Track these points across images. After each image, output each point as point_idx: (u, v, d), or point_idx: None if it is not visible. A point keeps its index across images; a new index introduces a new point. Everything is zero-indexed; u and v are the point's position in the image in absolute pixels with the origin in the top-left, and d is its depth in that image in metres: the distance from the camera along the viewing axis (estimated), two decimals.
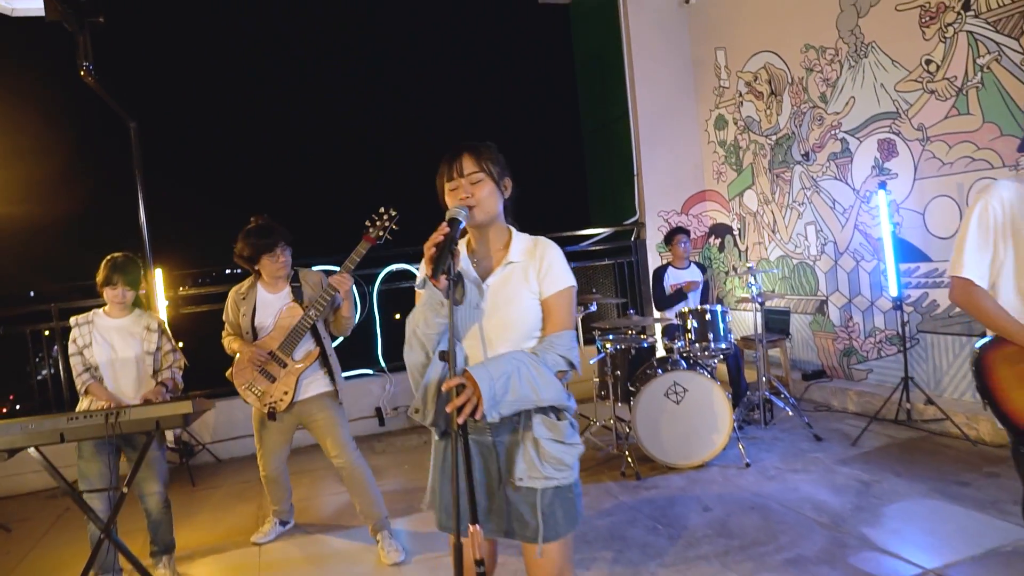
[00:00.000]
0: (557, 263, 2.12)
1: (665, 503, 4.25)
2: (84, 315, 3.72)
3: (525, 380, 1.96)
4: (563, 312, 2.11)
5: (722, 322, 5.03)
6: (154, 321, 3.78)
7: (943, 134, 5.06)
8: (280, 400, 3.84)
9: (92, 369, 3.63)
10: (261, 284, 3.95)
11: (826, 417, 5.69)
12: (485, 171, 2.09)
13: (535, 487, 2.04)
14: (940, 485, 4.11)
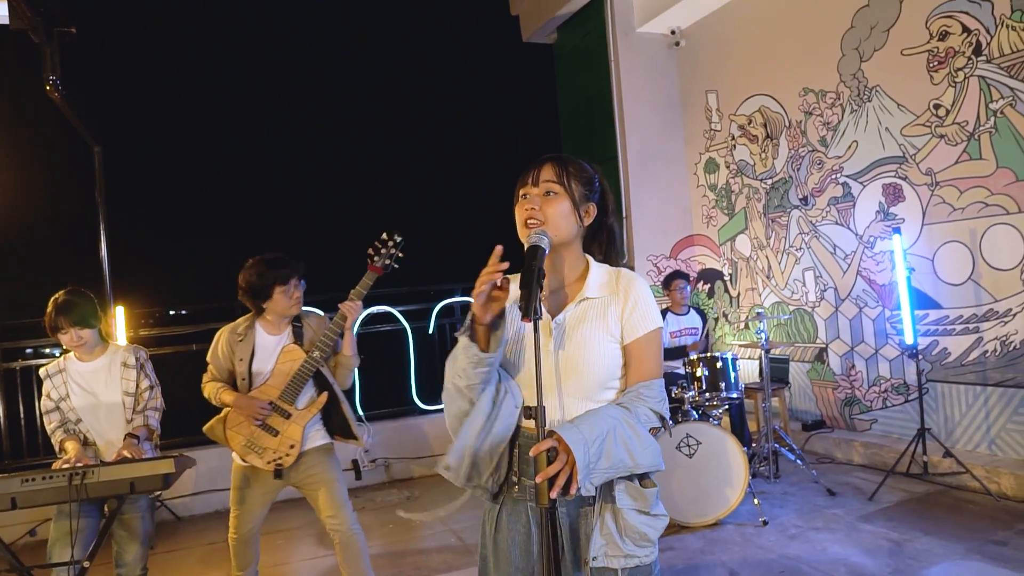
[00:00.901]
0: (644, 299, 1.80)
1: (685, 567, 3.92)
2: (55, 363, 3.25)
3: (621, 443, 1.62)
4: (652, 357, 1.78)
5: (733, 370, 4.79)
6: (132, 355, 3.29)
7: (953, 179, 4.96)
8: (287, 455, 3.38)
9: (70, 423, 3.17)
10: (261, 324, 3.49)
11: (832, 470, 5.45)
12: (564, 185, 1.78)
13: (614, 567, 1.69)
14: (976, 544, 3.87)
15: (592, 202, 1.84)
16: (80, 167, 5.43)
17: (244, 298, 3.44)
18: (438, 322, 6.69)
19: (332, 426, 3.52)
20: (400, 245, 3.46)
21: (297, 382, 3.33)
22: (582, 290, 1.81)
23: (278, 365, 3.38)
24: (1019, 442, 4.69)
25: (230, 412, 3.42)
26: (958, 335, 5.00)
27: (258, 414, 3.30)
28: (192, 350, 5.89)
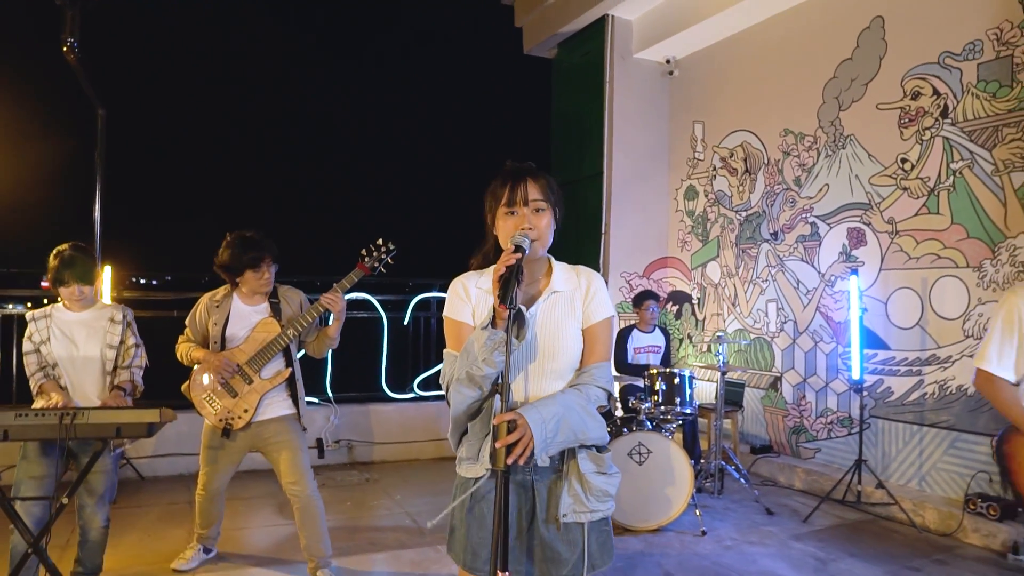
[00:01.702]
0: (601, 291, 2.08)
1: (626, 565, 4.17)
2: (41, 309, 3.42)
3: (575, 421, 1.89)
4: (605, 342, 2.06)
5: (689, 387, 5.05)
6: (119, 312, 3.47)
7: (912, 229, 5.29)
8: (239, 418, 3.62)
9: (48, 367, 3.34)
10: (238, 295, 3.74)
11: (774, 492, 5.74)
12: (549, 202, 2.03)
13: (581, 521, 1.95)
14: (893, 568, 4.16)
15: (560, 208, 2.09)
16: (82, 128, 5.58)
17: (219, 272, 3.70)
18: (414, 314, 6.91)
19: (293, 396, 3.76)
20: (392, 253, 3.72)
21: (267, 353, 3.58)
22: (550, 284, 2.05)
23: (253, 333, 3.62)
24: (946, 480, 5.01)
25: (196, 368, 3.65)
26: (902, 376, 5.32)
27: (224, 371, 3.54)
28: (173, 316, 6.04)
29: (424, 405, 6.84)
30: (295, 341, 3.72)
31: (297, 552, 4.17)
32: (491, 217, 2.07)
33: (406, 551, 4.33)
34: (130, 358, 3.48)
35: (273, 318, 3.69)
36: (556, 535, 1.96)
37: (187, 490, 5.51)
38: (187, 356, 3.75)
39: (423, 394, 6.90)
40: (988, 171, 4.81)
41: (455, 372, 1.94)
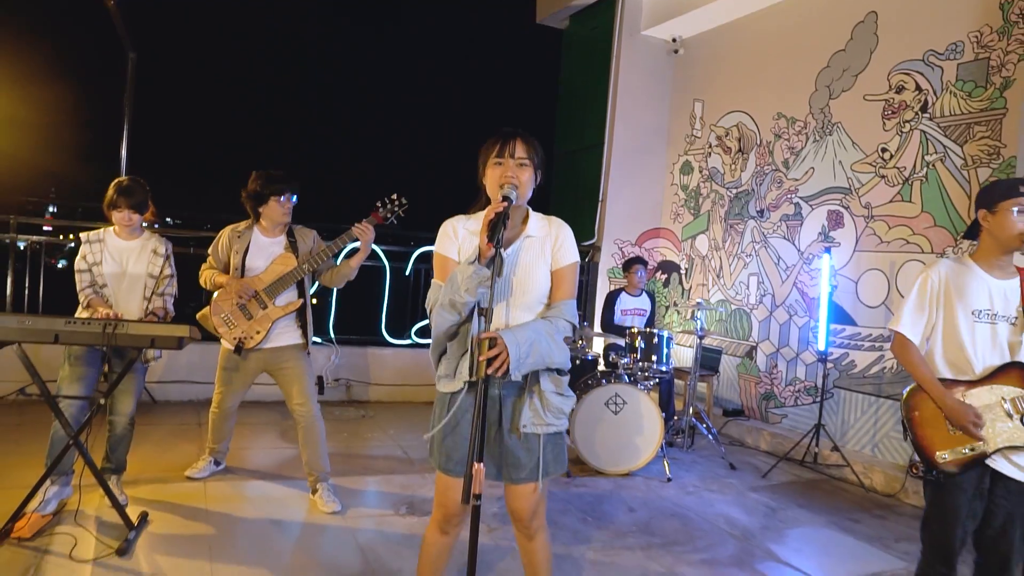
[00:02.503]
0: (569, 239, 2.47)
1: (594, 500, 4.61)
2: (95, 232, 3.81)
3: (544, 347, 2.28)
4: (570, 283, 2.45)
5: (666, 347, 5.45)
6: (162, 245, 3.87)
7: (885, 215, 5.65)
8: (251, 338, 4.02)
9: (97, 286, 3.73)
10: (258, 228, 4.12)
11: (740, 451, 6.18)
12: (532, 157, 2.40)
13: (538, 432, 2.36)
14: (836, 519, 4.60)
15: (541, 170, 2.46)
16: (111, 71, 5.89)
17: (245, 202, 4.10)
18: (415, 266, 7.28)
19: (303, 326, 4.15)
20: (404, 207, 4.10)
21: (282, 283, 3.99)
22: (525, 231, 2.44)
23: (272, 265, 4.03)
24: (895, 447, 5.44)
25: (218, 292, 4.07)
26: (865, 350, 5.73)
27: (244, 294, 3.94)
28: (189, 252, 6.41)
29: (420, 352, 7.25)
30: (309, 276, 4.11)
31: (296, 471, 4.62)
32: (482, 168, 2.44)
33: (396, 476, 4.78)
34: (164, 286, 3.88)
35: (290, 253, 4.07)
36: (517, 443, 2.37)
37: (196, 413, 5.95)
38: (210, 281, 4.14)
39: (420, 341, 7.31)
40: (958, 165, 5.16)
41: (439, 299, 2.31)
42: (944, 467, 2.65)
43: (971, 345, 2.68)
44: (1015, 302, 2.68)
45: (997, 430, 2.62)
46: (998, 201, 2.66)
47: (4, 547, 3.23)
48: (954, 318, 2.71)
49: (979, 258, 2.77)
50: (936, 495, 2.72)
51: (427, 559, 2.54)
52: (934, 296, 2.74)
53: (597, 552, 3.75)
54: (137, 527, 3.49)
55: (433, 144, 13.67)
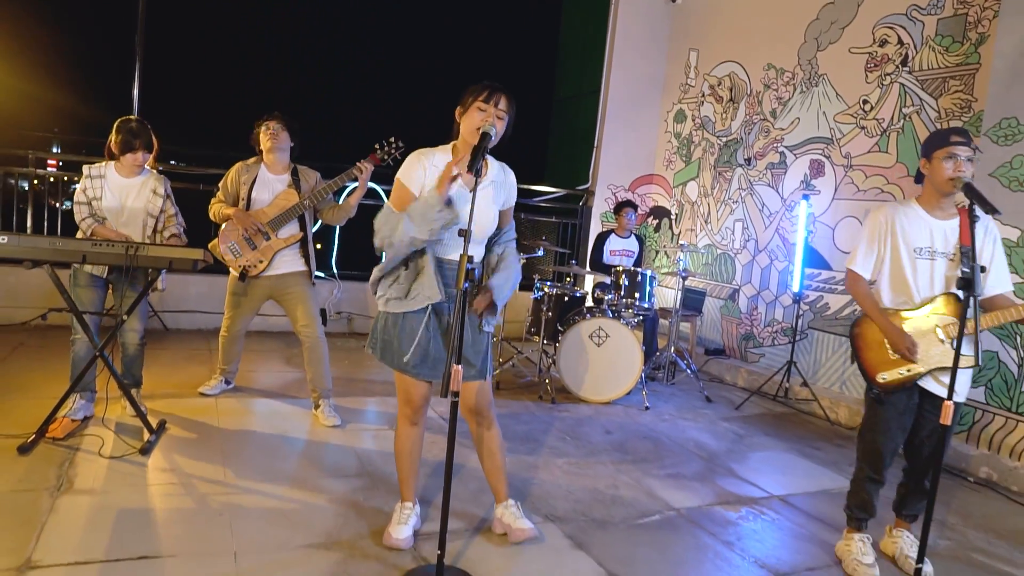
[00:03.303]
0: (513, 186, 2.98)
1: (574, 423, 4.99)
2: (96, 167, 3.98)
3: (515, 280, 2.87)
4: (511, 215, 3.02)
5: (649, 285, 5.78)
6: (161, 185, 4.08)
7: (863, 165, 5.91)
8: (254, 266, 4.37)
9: (96, 217, 3.93)
10: (264, 164, 4.42)
11: (719, 387, 6.56)
12: (508, 114, 2.76)
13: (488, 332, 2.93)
14: (798, 446, 4.99)
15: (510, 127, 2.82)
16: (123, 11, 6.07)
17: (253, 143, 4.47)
18: None
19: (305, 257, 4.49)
20: (400, 150, 4.38)
21: (285, 217, 4.31)
22: (488, 175, 2.85)
23: (276, 200, 4.35)
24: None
25: (225, 224, 4.40)
26: (839, 293, 6.05)
27: (249, 227, 4.27)
28: (199, 189, 6.70)
29: None
30: (310, 211, 4.42)
31: (299, 391, 5.01)
32: (462, 110, 2.77)
33: (391, 398, 5.15)
34: (172, 225, 4.14)
35: (293, 190, 4.38)
36: (469, 348, 2.85)
37: (205, 340, 6.33)
38: (219, 214, 4.45)
39: None
40: (932, 118, 5.40)
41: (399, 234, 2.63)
42: (884, 386, 3.01)
43: (912, 279, 3.02)
44: (954, 240, 2.99)
45: (931, 353, 2.96)
46: (933, 151, 2.96)
47: (41, 444, 3.61)
48: (898, 255, 3.04)
49: (922, 201, 3.08)
50: (873, 409, 3.09)
51: (404, 450, 3.00)
52: (882, 236, 3.06)
53: (572, 465, 4.14)
54: (157, 432, 3.88)
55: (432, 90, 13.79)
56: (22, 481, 3.21)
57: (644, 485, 3.95)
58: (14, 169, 6.30)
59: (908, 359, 2.99)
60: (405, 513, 3.01)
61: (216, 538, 2.87)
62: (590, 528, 3.32)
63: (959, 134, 2.94)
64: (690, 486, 4.02)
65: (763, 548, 3.31)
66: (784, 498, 3.97)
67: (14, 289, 6.16)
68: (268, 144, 4.37)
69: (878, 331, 3.07)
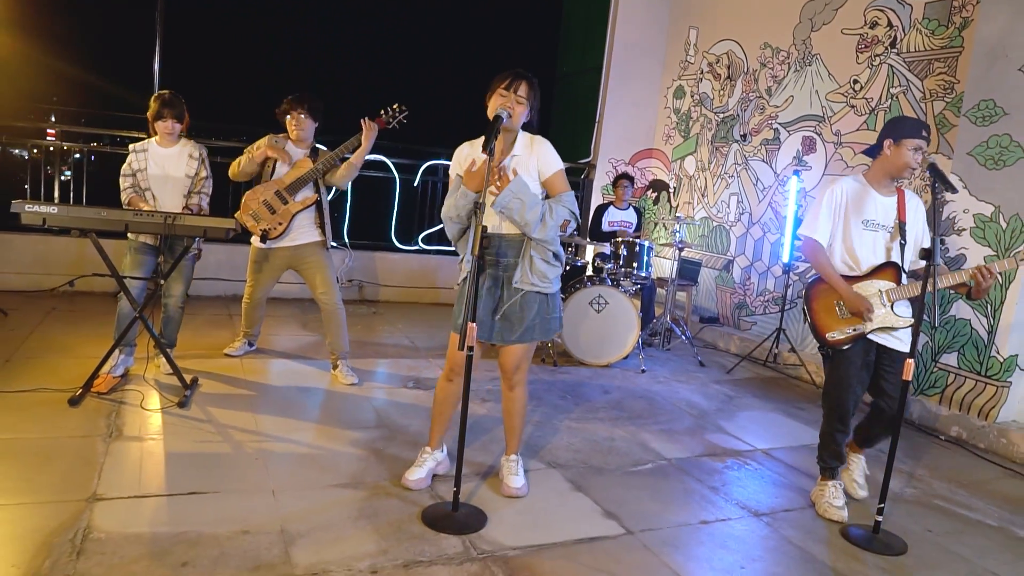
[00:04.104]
0: (547, 152, 3.11)
1: (574, 384, 5.35)
2: (141, 143, 4.37)
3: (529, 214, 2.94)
4: (561, 182, 3.13)
5: (647, 255, 6.09)
6: (196, 149, 4.44)
7: (852, 142, 6.20)
8: (274, 228, 4.67)
9: (139, 188, 4.31)
10: (290, 141, 4.72)
11: (711, 353, 6.91)
12: (528, 99, 3.03)
13: (523, 289, 3.07)
14: (783, 406, 5.34)
15: (534, 110, 3.08)
16: None
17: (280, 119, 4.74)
18: (423, 178, 7.86)
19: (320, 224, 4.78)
20: (404, 114, 4.68)
21: (300, 182, 4.62)
22: (512, 150, 3.09)
23: (292, 168, 4.67)
24: None
25: (247, 194, 4.71)
26: None
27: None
28: (216, 161, 6.97)
29: (426, 258, 7.93)
30: (322, 176, 4.70)
31: (317, 353, 5.35)
32: (489, 96, 3.06)
33: (404, 360, 5.51)
34: (200, 186, 4.48)
35: (309, 159, 4.67)
36: (513, 311, 3.08)
37: (225, 307, 6.67)
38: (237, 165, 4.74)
39: (426, 248, 7.97)
40: (917, 98, 5.68)
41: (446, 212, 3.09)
42: (832, 343, 3.36)
43: (860, 248, 3.36)
44: (893, 215, 3.33)
45: (875, 315, 3.31)
46: (904, 137, 3.26)
47: (88, 398, 3.96)
48: (850, 226, 3.37)
49: (870, 177, 3.41)
50: (832, 368, 3.44)
51: (439, 401, 3.32)
52: (838, 207, 3.38)
53: (572, 421, 4.50)
54: (191, 387, 4.23)
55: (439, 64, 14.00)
56: (77, 428, 3.56)
57: (638, 438, 4.30)
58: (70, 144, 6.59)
59: (865, 319, 3.32)
60: (423, 457, 3.35)
61: (254, 478, 3.22)
62: (588, 474, 3.68)
63: (927, 130, 3.28)
64: (681, 440, 4.37)
65: (745, 492, 3.67)
66: (767, 451, 4.33)
67: (44, 257, 6.48)
68: (295, 135, 4.67)
69: (829, 294, 3.42)
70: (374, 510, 3.03)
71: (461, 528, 2.92)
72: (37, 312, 5.76)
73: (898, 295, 3.30)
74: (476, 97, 3.22)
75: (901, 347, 3.34)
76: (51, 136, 6.97)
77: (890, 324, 3.30)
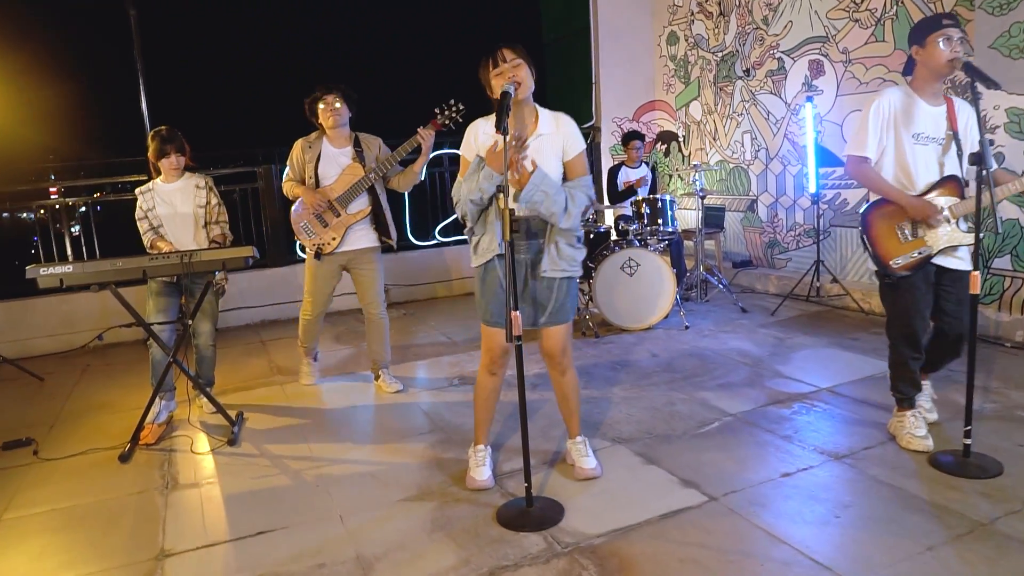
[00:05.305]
0: (575, 132, 2.98)
1: (621, 352, 5.22)
2: (145, 185, 4.30)
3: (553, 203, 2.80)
4: (582, 165, 2.99)
5: (670, 209, 5.93)
6: (202, 180, 4.33)
7: (862, 57, 5.96)
8: (328, 243, 4.47)
9: (156, 228, 4.23)
10: (326, 138, 4.48)
11: (751, 297, 6.74)
12: (521, 56, 2.85)
13: (554, 276, 2.95)
14: (836, 340, 5.18)
15: (532, 65, 2.91)
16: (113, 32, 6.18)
17: (309, 117, 4.48)
18: (429, 171, 7.71)
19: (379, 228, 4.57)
20: (462, 112, 4.36)
21: (353, 192, 4.40)
22: (537, 128, 2.91)
23: (342, 176, 4.42)
24: None
25: (296, 203, 4.50)
26: (854, 188, 6.15)
27: (317, 205, 4.38)
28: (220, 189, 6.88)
29: (445, 250, 7.81)
30: (379, 181, 4.51)
31: (356, 366, 5.27)
32: (488, 87, 2.91)
33: (444, 358, 5.40)
34: (215, 215, 4.37)
35: (358, 162, 4.47)
36: (542, 293, 2.97)
37: (256, 335, 6.59)
38: (291, 192, 4.55)
39: (443, 240, 7.84)
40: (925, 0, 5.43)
41: (463, 194, 2.89)
42: (898, 271, 3.17)
43: (913, 164, 3.15)
44: (943, 126, 3.12)
45: (939, 234, 3.12)
46: (926, 35, 3.06)
47: (137, 452, 3.90)
48: (901, 141, 3.16)
49: (916, 86, 3.19)
50: (897, 295, 3.26)
51: (481, 398, 3.19)
52: (885, 122, 3.17)
53: (626, 390, 4.37)
54: (237, 422, 4.15)
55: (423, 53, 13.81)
56: (132, 485, 3.50)
57: (698, 398, 4.17)
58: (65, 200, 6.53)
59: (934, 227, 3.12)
60: (480, 455, 3.25)
61: (319, 506, 3.14)
62: (656, 444, 3.56)
63: (948, 17, 3.06)
64: (741, 392, 4.23)
65: (820, 436, 3.53)
66: (832, 389, 4.18)
67: (69, 315, 6.44)
68: (331, 122, 4.37)
69: (888, 219, 3.21)
70: (447, 519, 2.93)
71: (540, 523, 2.81)
72: (72, 372, 5.73)
73: (962, 210, 3.10)
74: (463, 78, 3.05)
75: (962, 266, 3.15)
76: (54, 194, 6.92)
77: (957, 242, 3.11)
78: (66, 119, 10.95)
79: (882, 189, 3.22)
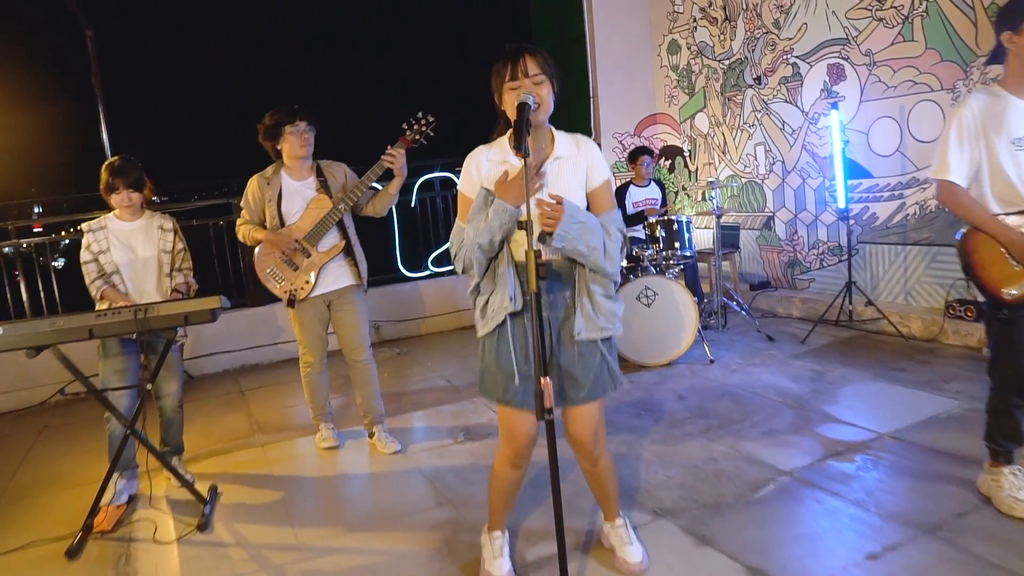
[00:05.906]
0: (599, 157, 2.42)
1: (642, 394, 4.66)
2: (96, 220, 3.67)
3: (592, 240, 2.23)
4: (608, 196, 2.42)
5: (687, 231, 5.40)
6: (167, 221, 3.76)
7: (888, 59, 5.48)
8: (301, 288, 3.89)
9: (106, 276, 3.64)
10: (284, 171, 3.93)
11: (774, 322, 6.21)
12: (546, 73, 2.29)
13: (593, 338, 2.33)
14: (882, 371, 4.64)
15: (557, 80, 2.35)
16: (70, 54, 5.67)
17: (264, 143, 3.89)
18: (419, 196, 7.17)
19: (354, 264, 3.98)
20: (432, 125, 3.82)
21: (322, 227, 3.82)
22: (554, 151, 2.36)
23: (308, 210, 3.85)
24: (929, 292, 5.44)
25: (259, 248, 3.93)
26: (885, 201, 5.65)
27: (287, 248, 3.82)
28: (192, 225, 6.32)
29: (439, 281, 7.23)
30: (348, 213, 3.94)
31: (346, 420, 4.66)
32: (498, 96, 2.34)
33: (445, 407, 4.82)
34: (179, 261, 3.79)
35: (323, 194, 3.91)
36: (573, 361, 2.35)
37: (234, 383, 5.99)
38: (248, 237, 3.96)
39: (437, 270, 7.27)
40: None
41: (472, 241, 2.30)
42: (1012, 302, 2.62)
43: (1016, 175, 2.61)
44: None
45: None
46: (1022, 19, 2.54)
47: (90, 542, 3.29)
48: (995, 152, 2.62)
49: (1008, 84, 2.66)
50: (1004, 331, 2.71)
51: (499, 492, 2.60)
52: (972, 134, 2.64)
53: (659, 444, 3.81)
54: (210, 501, 3.55)
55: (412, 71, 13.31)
56: None
57: (742, 451, 3.62)
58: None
59: None
60: (498, 544, 2.67)
61: None
62: (705, 516, 2.99)
63: None
64: (790, 441, 3.68)
65: (898, 500, 2.98)
66: (894, 435, 3.64)
67: (25, 370, 5.81)
68: (301, 152, 3.83)
69: (993, 243, 2.67)
70: None
71: None
72: (27, 434, 5.10)
73: None
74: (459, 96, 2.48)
75: None
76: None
77: None
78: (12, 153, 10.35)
79: (974, 217, 2.68)
